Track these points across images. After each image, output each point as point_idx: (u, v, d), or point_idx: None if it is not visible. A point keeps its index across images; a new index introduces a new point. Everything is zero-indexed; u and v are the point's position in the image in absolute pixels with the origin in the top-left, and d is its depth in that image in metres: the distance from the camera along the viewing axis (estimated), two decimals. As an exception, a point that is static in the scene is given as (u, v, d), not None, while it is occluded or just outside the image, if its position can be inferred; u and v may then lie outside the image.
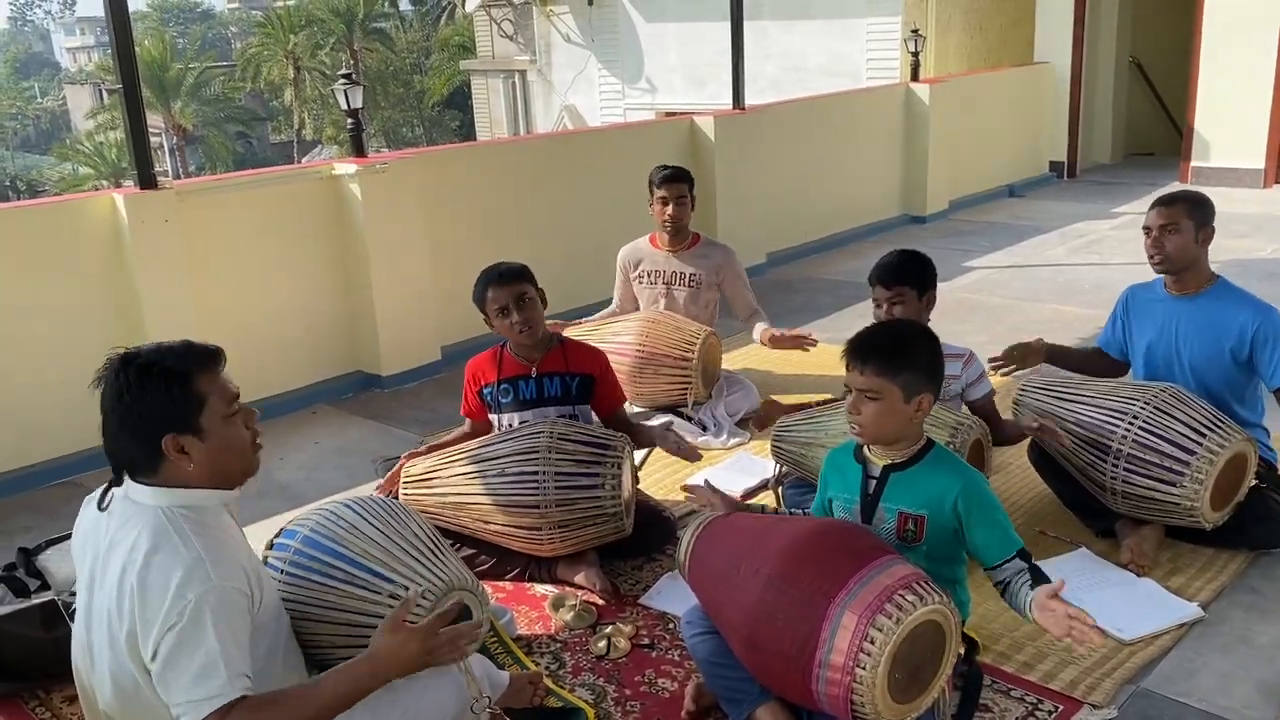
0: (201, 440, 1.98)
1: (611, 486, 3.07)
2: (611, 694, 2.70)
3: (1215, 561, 3.19)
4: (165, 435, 1.95)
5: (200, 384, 1.98)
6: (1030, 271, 7.02)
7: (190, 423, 1.97)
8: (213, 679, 1.87)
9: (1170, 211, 3.32)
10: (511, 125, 17.09)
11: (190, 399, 1.97)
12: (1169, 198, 3.40)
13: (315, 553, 2.48)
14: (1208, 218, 3.33)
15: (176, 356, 1.99)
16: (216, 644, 1.88)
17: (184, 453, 1.97)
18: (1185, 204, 3.32)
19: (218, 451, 2.01)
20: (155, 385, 1.94)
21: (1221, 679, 2.66)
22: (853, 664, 2.12)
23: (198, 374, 1.98)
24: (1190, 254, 3.32)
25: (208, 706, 1.86)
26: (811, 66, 11.84)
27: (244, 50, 38.14)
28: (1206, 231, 3.33)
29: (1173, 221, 3.30)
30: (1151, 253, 3.36)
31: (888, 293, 3.32)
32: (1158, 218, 3.33)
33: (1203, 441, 3.04)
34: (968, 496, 2.38)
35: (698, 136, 6.88)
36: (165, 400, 1.95)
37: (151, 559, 1.92)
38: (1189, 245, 3.31)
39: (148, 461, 1.98)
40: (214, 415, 1.99)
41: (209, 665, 1.87)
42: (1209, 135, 9.47)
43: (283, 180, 5.17)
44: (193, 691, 1.86)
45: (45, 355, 4.28)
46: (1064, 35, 10.19)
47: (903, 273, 3.33)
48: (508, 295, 3.31)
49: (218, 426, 2.00)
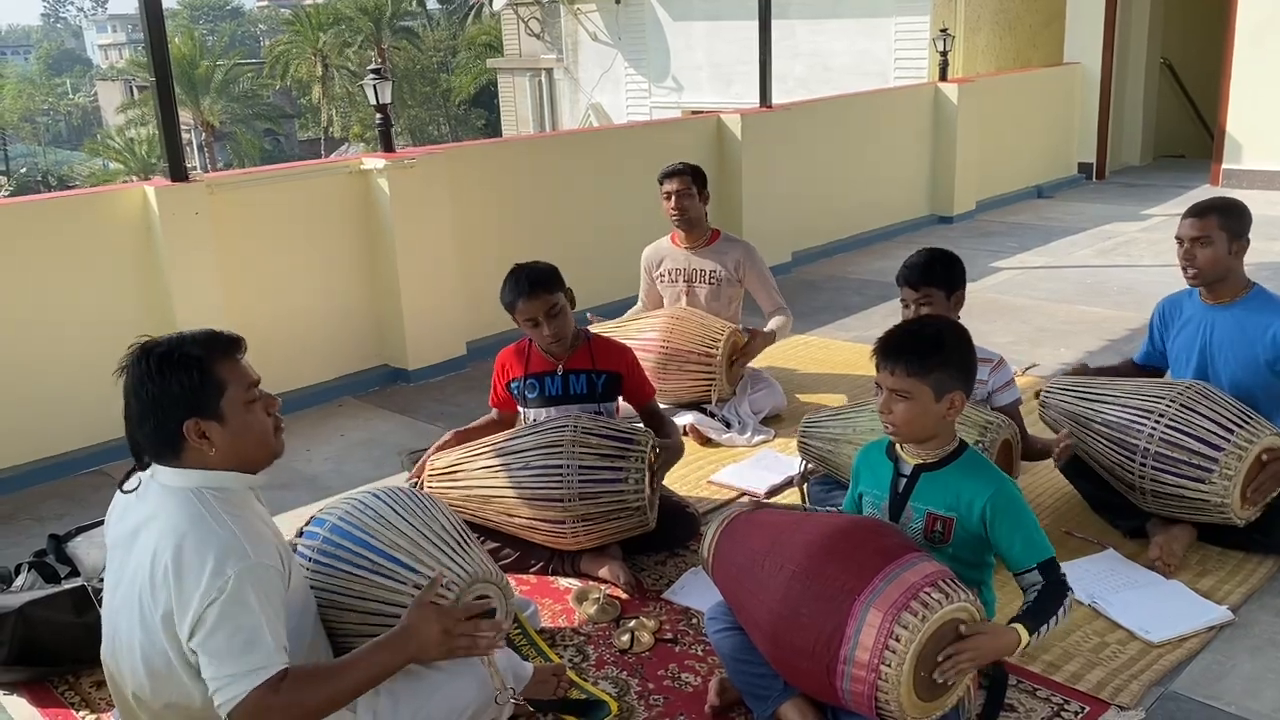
0: (222, 425, 2.02)
1: (635, 481, 3.07)
2: (635, 687, 2.71)
3: (1245, 565, 3.15)
4: (187, 420, 1.99)
5: (220, 369, 2.02)
6: (1058, 273, 6.97)
7: (211, 407, 2.01)
8: (257, 651, 1.90)
9: (1202, 223, 3.23)
10: (538, 123, 17.13)
11: (210, 384, 2.01)
12: (1201, 207, 3.30)
13: (343, 541, 2.49)
14: (1243, 229, 3.25)
15: (196, 343, 2.04)
16: (260, 617, 1.92)
17: (205, 437, 2.01)
18: (1218, 215, 3.24)
19: (238, 436, 2.04)
20: (176, 371, 1.99)
21: (1251, 682, 2.63)
22: (878, 661, 2.11)
23: (217, 360, 2.03)
24: (1223, 266, 3.26)
25: (255, 678, 1.89)
26: (839, 66, 11.80)
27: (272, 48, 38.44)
28: (1240, 243, 3.25)
29: (1205, 234, 3.23)
30: (1184, 264, 3.30)
31: (915, 294, 3.30)
32: (1190, 229, 3.26)
33: (1231, 437, 3.01)
34: (996, 504, 2.36)
35: (724, 135, 6.87)
36: (186, 386, 1.99)
37: (185, 539, 1.96)
38: (1222, 258, 3.24)
39: (170, 447, 2.02)
40: (234, 400, 2.03)
41: (253, 639, 1.90)
42: (1241, 137, 9.36)
43: (312, 175, 5.20)
44: (239, 664, 1.90)
45: (76, 345, 4.33)
46: (1094, 36, 10.10)
47: (930, 274, 3.31)
48: (538, 308, 3.30)
49: (238, 411, 2.04)
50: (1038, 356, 5.11)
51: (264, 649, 1.91)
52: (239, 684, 1.89)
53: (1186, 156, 11.26)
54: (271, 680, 1.90)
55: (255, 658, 1.90)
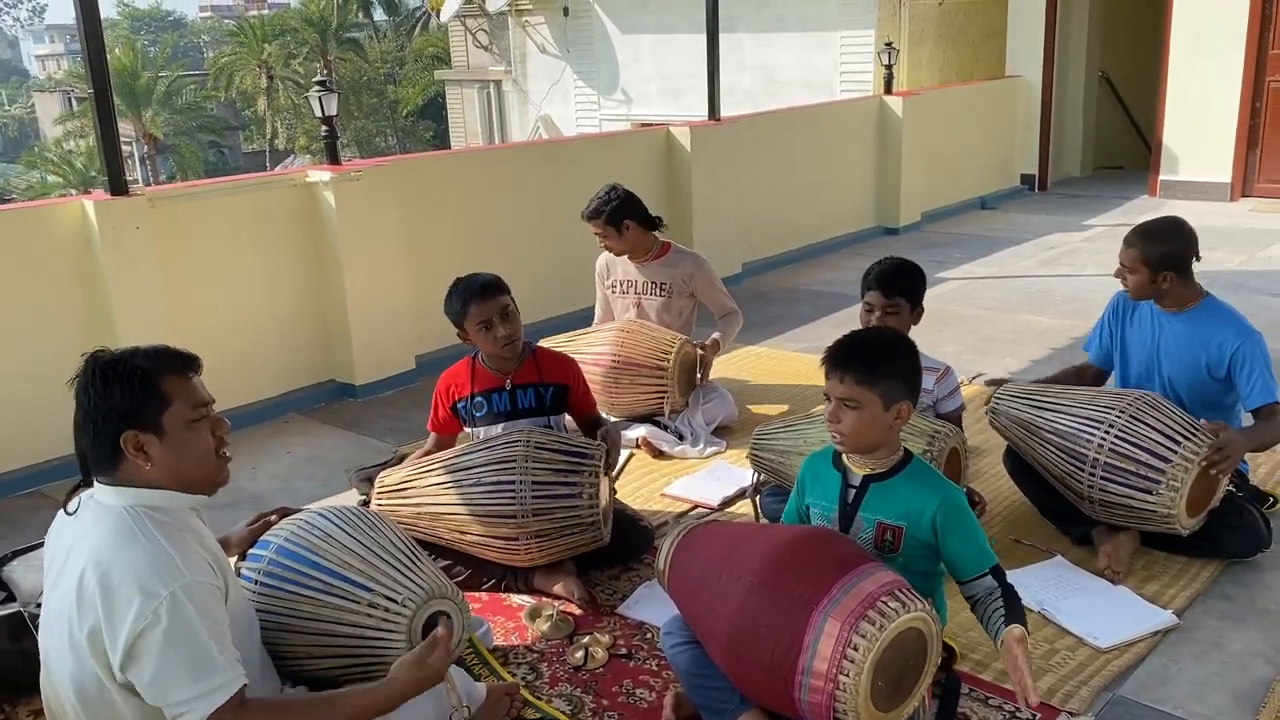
0: (161, 440, 1.97)
1: (589, 496, 3.05)
2: (590, 704, 2.68)
3: (1189, 569, 3.21)
4: (125, 431, 1.95)
5: (165, 384, 1.98)
6: (1003, 282, 7.07)
7: (150, 421, 1.96)
8: (210, 672, 1.85)
9: (1125, 253, 3.35)
10: (486, 135, 17.07)
11: (153, 397, 1.96)
12: (1132, 234, 3.36)
13: (290, 563, 2.45)
14: (1164, 260, 3.28)
15: (146, 356, 2.00)
16: (206, 637, 1.87)
17: (142, 451, 1.96)
18: (1139, 247, 3.30)
19: (177, 453, 1.99)
20: (119, 381, 1.95)
21: (1196, 686, 2.67)
22: (836, 671, 2.11)
23: (165, 374, 1.99)
24: (1148, 291, 3.35)
25: (216, 699, 1.84)
26: (786, 79, 11.90)
27: (216, 59, 37.94)
28: (1165, 275, 3.29)
29: (1126, 264, 3.35)
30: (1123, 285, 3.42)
31: (885, 300, 3.33)
32: (1120, 256, 3.38)
33: (1178, 449, 3.06)
34: (946, 512, 2.39)
35: (674, 147, 6.89)
36: (127, 397, 1.95)
37: (114, 557, 1.90)
38: (1145, 284, 3.33)
39: (108, 459, 1.98)
40: (177, 417, 1.98)
41: (202, 659, 1.85)
42: (1177, 149, 9.58)
43: (256, 188, 5.12)
44: (192, 688, 1.84)
45: (12, 363, 4.21)
46: (1035, 49, 10.29)
47: (901, 282, 3.37)
48: (491, 309, 3.28)
49: (179, 429, 1.99)
50: (984, 366, 5.17)
51: (217, 668, 1.86)
52: (198, 708, 1.84)
53: (1125, 168, 11.50)
54: (231, 702, 1.85)
55: (210, 680, 1.85)
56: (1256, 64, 9.06)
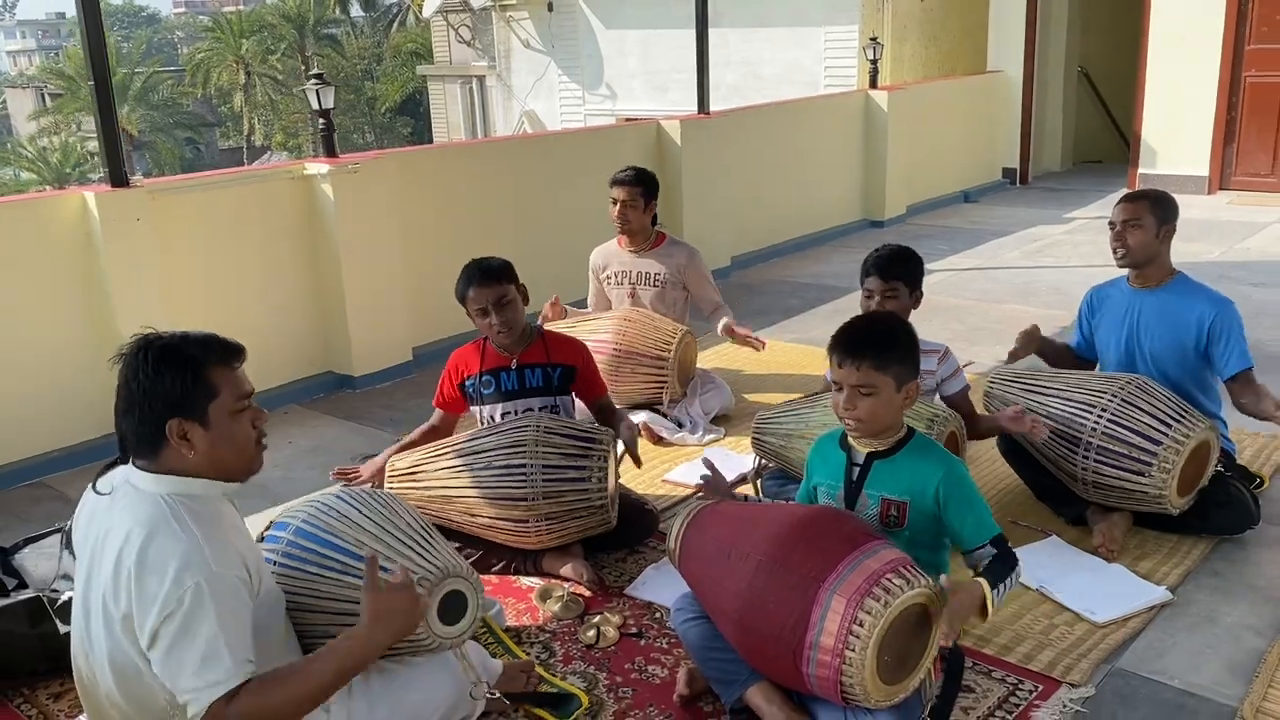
0: (205, 429, 2.01)
1: (598, 479, 3.11)
2: (603, 681, 2.74)
3: (1180, 547, 3.30)
4: (171, 419, 1.98)
5: (214, 374, 2.02)
6: (989, 274, 7.17)
7: (197, 410, 2.00)
8: (217, 666, 1.89)
9: (1134, 207, 3.45)
10: (469, 130, 17.07)
11: (201, 387, 2.00)
12: (1133, 194, 3.53)
13: (308, 543, 2.49)
14: (1169, 215, 3.46)
15: (196, 344, 2.03)
16: (219, 630, 1.90)
17: (186, 439, 2.00)
18: (1148, 201, 3.46)
19: (220, 443, 2.03)
20: (170, 368, 1.98)
21: (1192, 657, 2.76)
22: (842, 646, 2.18)
23: (213, 364, 2.02)
24: (1151, 249, 3.44)
25: (214, 692, 1.88)
26: (770, 74, 11.98)
27: (192, 55, 37.67)
28: (1168, 228, 3.46)
29: (1136, 217, 3.43)
30: (1115, 246, 3.48)
31: (883, 284, 3.40)
32: (1122, 213, 3.46)
33: (1169, 432, 3.15)
34: (949, 483, 2.46)
35: (664, 140, 6.95)
36: (177, 384, 1.98)
37: (149, 544, 1.94)
38: (1150, 241, 3.43)
39: (150, 444, 2.01)
40: (222, 407, 2.02)
41: (212, 652, 1.89)
42: (1156, 144, 9.73)
43: (255, 180, 5.14)
44: (198, 679, 1.88)
45: (13, 354, 4.22)
46: (1016, 45, 10.41)
47: (899, 267, 3.44)
48: (487, 297, 3.35)
49: (224, 419, 2.03)
50: (974, 354, 5.26)
51: (222, 663, 1.89)
52: (199, 699, 1.88)
53: (1103, 162, 11.65)
54: (229, 694, 1.88)
55: (214, 673, 1.88)
56: (1233, 60, 9.22)
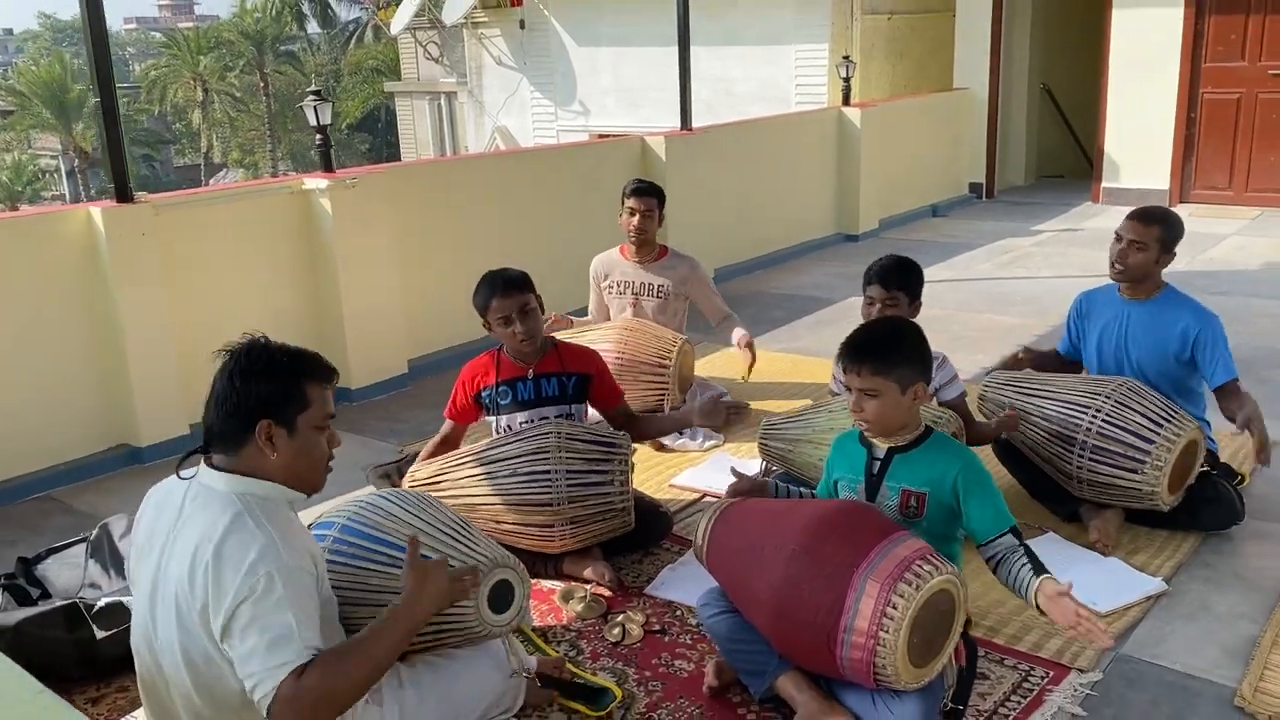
0: (291, 437, 2.12)
1: (620, 483, 3.21)
2: (632, 676, 2.83)
3: (1171, 541, 3.46)
4: (263, 420, 2.07)
5: (310, 388, 2.14)
6: (964, 285, 7.36)
7: (288, 417, 2.11)
8: (287, 648, 1.97)
9: (1144, 230, 3.55)
10: (438, 147, 17.12)
11: (297, 396, 2.12)
12: (1148, 216, 3.60)
13: (355, 540, 2.58)
14: (1174, 241, 3.58)
15: (300, 358, 2.16)
16: (290, 616, 1.99)
17: (271, 441, 2.09)
18: (1160, 227, 3.55)
19: (300, 453, 2.14)
20: (275, 373, 2.10)
21: (1190, 643, 2.92)
22: (877, 629, 2.30)
23: (311, 379, 2.15)
24: (1148, 270, 3.59)
25: (282, 672, 1.96)
26: (742, 91, 12.15)
27: (146, 72, 37.33)
28: (1169, 256, 3.60)
29: (1142, 240, 3.55)
30: (1115, 260, 3.62)
31: (885, 293, 3.54)
32: (1130, 231, 3.58)
33: (1161, 431, 3.31)
34: (968, 474, 2.59)
35: (649, 156, 7.08)
36: (277, 389, 2.09)
37: (228, 537, 2.03)
38: (1149, 263, 3.57)
39: (235, 440, 2.11)
40: (309, 420, 2.14)
41: (283, 635, 1.98)
42: (1118, 158, 10.02)
43: (255, 195, 5.20)
44: (268, 659, 1.97)
45: (20, 369, 4.25)
46: (982, 63, 10.67)
47: (900, 277, 3.58)
48: (511, 306, 3.42)
49: (308, 431, 2.15)
50: (956, 362, 5.39)
51: (293, 646, 1.97)
52: (269, 680, 1.96)
53: (1065, 177, 11.96)
54: (297, 670, 1.96)
55: (284, 654, 1.97)
56: (1191, 77, 9.53)
